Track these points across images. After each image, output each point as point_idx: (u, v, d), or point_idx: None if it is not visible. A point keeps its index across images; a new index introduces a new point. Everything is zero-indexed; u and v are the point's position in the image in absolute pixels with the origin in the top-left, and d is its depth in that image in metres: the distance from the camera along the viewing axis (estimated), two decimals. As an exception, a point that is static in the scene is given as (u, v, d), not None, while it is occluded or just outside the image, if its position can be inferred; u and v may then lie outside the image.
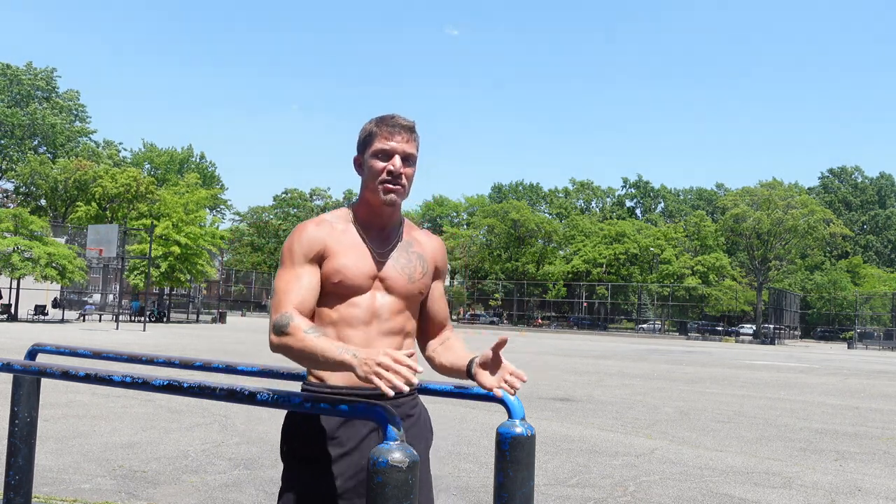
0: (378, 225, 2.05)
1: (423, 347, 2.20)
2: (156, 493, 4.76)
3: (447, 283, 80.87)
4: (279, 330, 1.87)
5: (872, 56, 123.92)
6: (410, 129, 2.02)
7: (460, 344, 2.14)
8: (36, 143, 63.78)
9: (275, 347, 1.89)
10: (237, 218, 76.96)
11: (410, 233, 2.13)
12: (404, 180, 1.99)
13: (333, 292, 1.98)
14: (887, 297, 64.37)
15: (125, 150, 73.46)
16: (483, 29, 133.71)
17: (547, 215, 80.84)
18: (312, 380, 2.02)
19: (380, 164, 1.98)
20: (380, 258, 2.02)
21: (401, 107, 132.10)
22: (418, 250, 2.10)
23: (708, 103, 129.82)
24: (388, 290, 2.02)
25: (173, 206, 41.78)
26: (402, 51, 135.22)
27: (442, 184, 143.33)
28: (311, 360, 1.82)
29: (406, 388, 1.61)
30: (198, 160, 75.13)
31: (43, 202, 59.44)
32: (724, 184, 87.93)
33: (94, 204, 53.99)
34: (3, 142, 62.47)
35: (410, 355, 1.67)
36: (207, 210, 56.23)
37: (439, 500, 4.87)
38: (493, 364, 1.92)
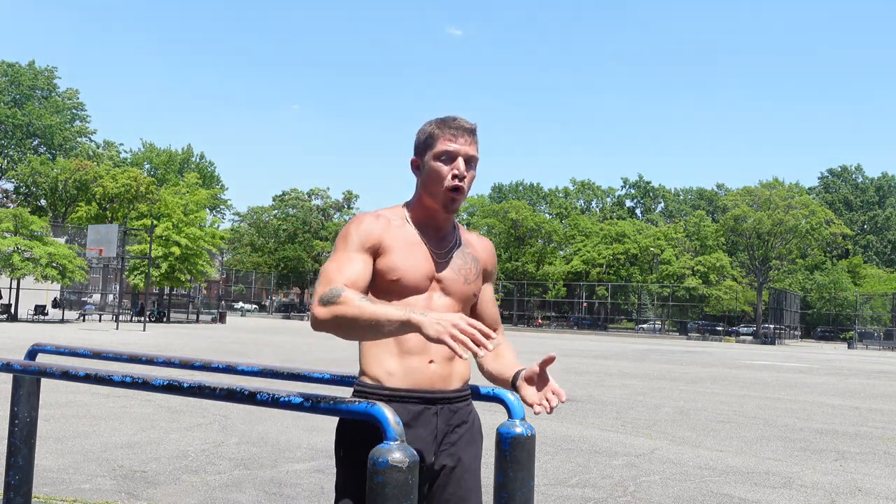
0: (434, 227, 2.03)
1: None
2: (156, 493, 4.76)
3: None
4: (329, 300, 1.75)
5: (873, 55, 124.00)
6: (472, 132, 1.99)
7: (510, 353, 2.12)
8: (36, 143, 63.76)
9: (320, 322, 1.77)
10: (237, 218, 76.92)
11: (463, 234, 2.12)
12: (467, 183, 1.97)
13: (390, 290, 1.93)
14: (887, 297, 64.41)
15: (125, 151, 73.51)
16: (485, 29, 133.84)
17: (547, 215, 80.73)
18: (367, 381, 1.93)
19: (444, 168, 1.95)
20: (438, 259, 2.00)
21: (401, 106, 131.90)
22: (472, 252, 2.09)
23: (708, 103, 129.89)
24: (445, 291, 1.99)
25: (173, 207, 41.78)
26: (404, 50, 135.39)
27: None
28: (370, 326, 1.71)
29: (482, 353, 1.55)
30: (197, 160, 75.02)
31: (43, 202, 59.42)
32: (724, 184, 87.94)
33: (94, 204, 54.01)
34: (3, 142, 62.47)
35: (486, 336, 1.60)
36: (207, 210, 56.16)
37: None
38: (539, 380, 1.91)
